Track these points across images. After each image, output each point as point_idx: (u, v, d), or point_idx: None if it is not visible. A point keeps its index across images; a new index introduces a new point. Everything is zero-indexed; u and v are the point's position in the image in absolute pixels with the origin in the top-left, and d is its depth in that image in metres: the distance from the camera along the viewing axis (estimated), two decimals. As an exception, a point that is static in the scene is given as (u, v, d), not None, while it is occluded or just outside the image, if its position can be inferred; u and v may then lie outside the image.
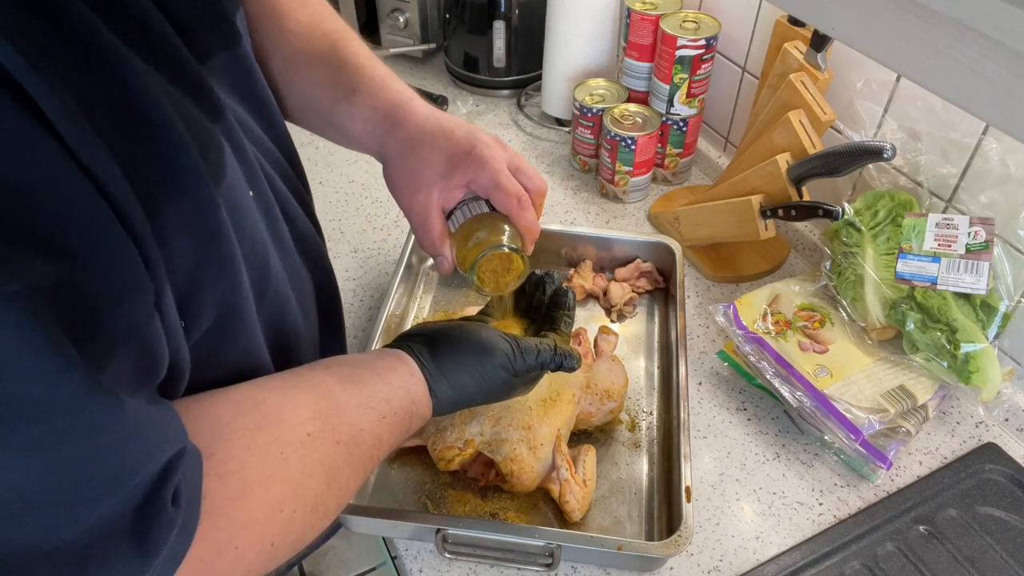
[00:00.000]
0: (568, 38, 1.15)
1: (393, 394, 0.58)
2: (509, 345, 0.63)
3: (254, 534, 0.46)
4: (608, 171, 1.09)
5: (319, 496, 0.50)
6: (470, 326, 0.65)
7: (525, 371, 0.63)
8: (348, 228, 1.07)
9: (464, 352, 0.62)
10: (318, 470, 0.50)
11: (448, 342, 0.62)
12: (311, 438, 0.50)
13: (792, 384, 0.78)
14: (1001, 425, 0.83)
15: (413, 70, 1.41)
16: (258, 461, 0.47)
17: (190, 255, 0.42)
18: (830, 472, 0.78)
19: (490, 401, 0.65)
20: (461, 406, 0.64)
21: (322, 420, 0.52)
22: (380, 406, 0.56)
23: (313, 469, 0.50)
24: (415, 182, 0.63)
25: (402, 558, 0.72)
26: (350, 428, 0.54)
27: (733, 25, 1.06)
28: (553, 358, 0.65)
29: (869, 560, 0.71)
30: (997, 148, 0.77)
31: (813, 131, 0.86)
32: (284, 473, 0.48)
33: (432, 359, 0.61)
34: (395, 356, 0.61)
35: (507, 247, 0.60)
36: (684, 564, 0.71)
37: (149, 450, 0.38)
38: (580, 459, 0.73)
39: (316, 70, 0.67)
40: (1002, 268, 0.77)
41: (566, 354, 0.65)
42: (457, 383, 0.61)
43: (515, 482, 0.71)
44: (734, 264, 1.01)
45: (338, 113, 0.67)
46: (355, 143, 0.69)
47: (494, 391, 0.63)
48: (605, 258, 0.97)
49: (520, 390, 0.66)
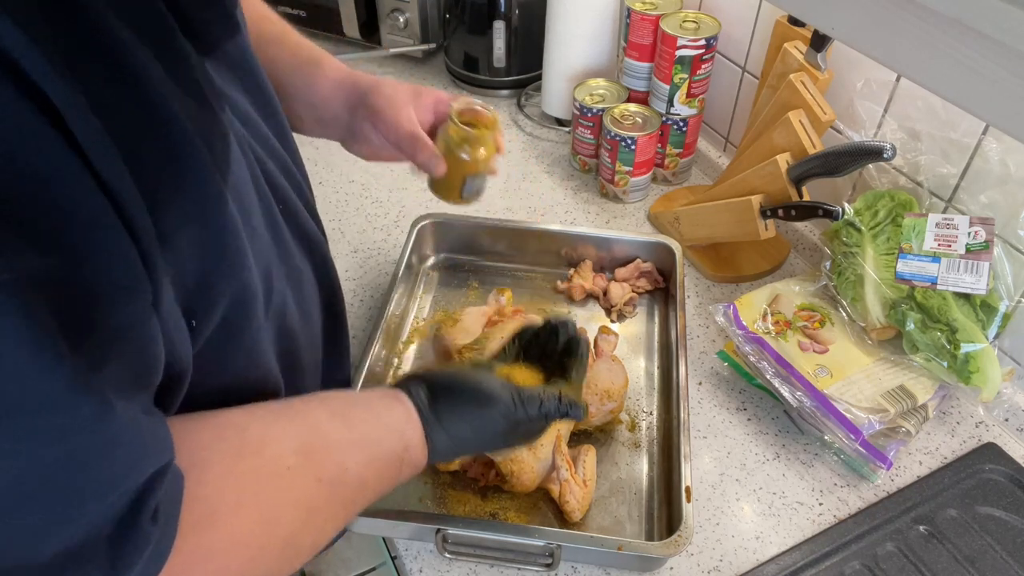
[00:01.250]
0: (568, 38, 1.15)
1: (386, 436, 0.56)
2: (511, 395, 0.61)
3: (214, 564, 0.43)
4: (608, 171, 1.09)
5: (293, 535, 0.48)
6: (473, 373, 0.63)
7: (527, 422, 0.61)
8: (348, 228, 1.07)
9: (464, 401, 0.60)
10: (294, 507, 0.48)
11: (449, 389, 0.61)
12: (291, 472, 0.48)
13: (792, 384, 0.78)
14: (1001, 425, 0.83)
15: (413, 70, 1.41)
16: (232, 489, 0.45)
17: (198, 251, 0.41)
18: (830, 472, 0.78)
19: (488, 450, 0.64)
20: (459, 455, 0.64)
21: (305, 455, 0.50)
22: (371, 447, 0.54)
23: (289, 505, 0.48)
24: (395, 104, 0.74)
25: (402, 558, 0.72)
26: (335, 467, 0.51)
27: (733, 25, 1.06)
28: (558, 408, 0.63)
29: (869, 560, 0.71)
30: (997, 148, 0.77)
31: (813, 131, 0.86)
32: (257, 505, 0.46)
33: (431, 405, 0.59)
34: (394, 397, 0.59)
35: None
36: (684, 564, 0.71)
37: (135, 460, 0.37)
38: (580, 459, 0.73)
39: (273, 47, 0.73)
40: (1002, 268, 0.77)
41: (571, 403, 0.64)
42: (455, 432, 0.59)
43: (515, 482, 0.71)
44: (734, 264, 1.01)
45: (304, 81, 0.74)
46: (321, 107, 0.75)
47: (492, 441, 0.62)
48: (605, 258, 0.97)
49: (520, 440, 0.64)
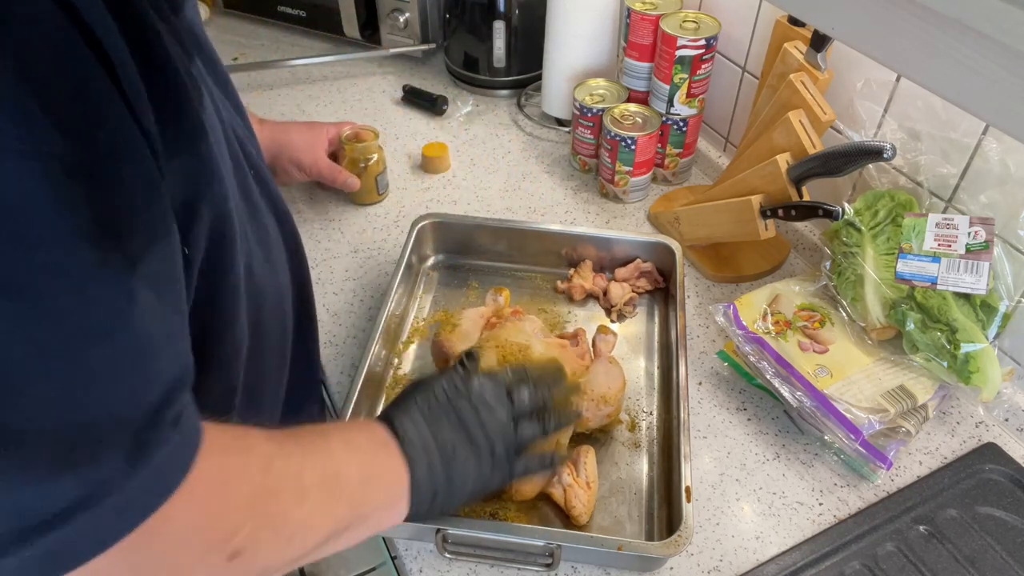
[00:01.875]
0: (568, 38, 1.15)
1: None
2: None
3: (238, 487, 0.44)
4: (608, 171, 1.09)
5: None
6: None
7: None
8: (348, 228, 1.07)
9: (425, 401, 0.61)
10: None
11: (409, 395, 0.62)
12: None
13: (792, 384, 0.78)
14: (1001, 425, 0.83)
15: (413, 70, 1.41)
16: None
17: (185, 179, 0.44)
18: (830, 472, 0.78)
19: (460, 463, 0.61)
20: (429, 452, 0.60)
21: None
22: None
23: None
24: (312, 149, 1.03)
25: (402, 558, 0.72)
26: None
27: (733, 25, 1.06)
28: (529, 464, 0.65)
29: (869, 560, 0.71)
30: (997, 148, 0.77)
31: (813, 131, 0.86)
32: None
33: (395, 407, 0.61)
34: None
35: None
36: (684, 564, 0.71)
37: (162, 358, 0.38)
38: (581, 461, 0.73)
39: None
40: (1002, 268, 0.77)
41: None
42: (419, 422, 0.59)
43: (514, 492, 0.71)
44: (734, 264, 1.01)
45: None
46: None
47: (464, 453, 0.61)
48: (605, 258, 0.97)
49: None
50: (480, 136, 1.25)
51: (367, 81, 1.38)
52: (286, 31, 1.50)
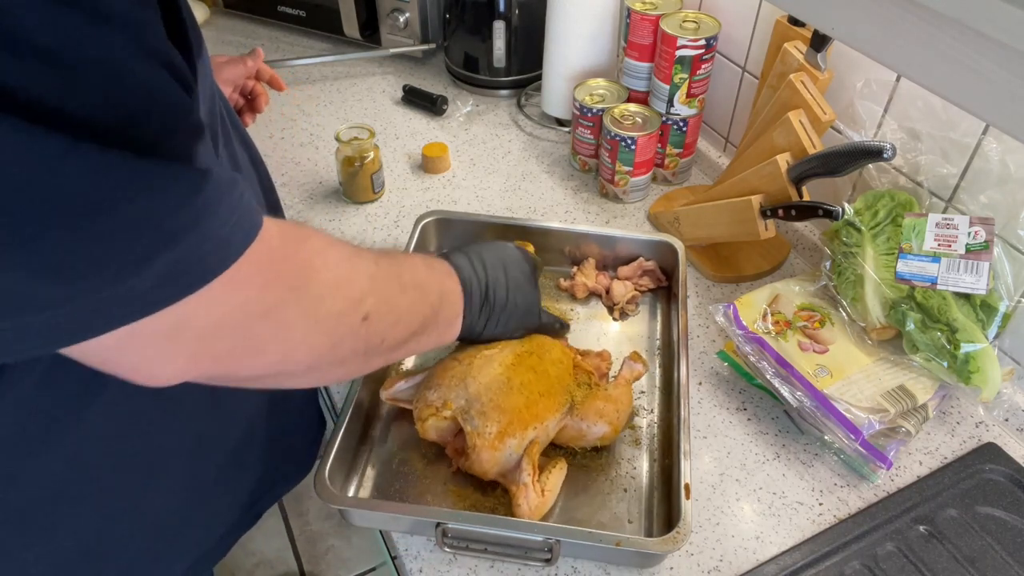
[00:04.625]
0: (568, 38, 1.15)
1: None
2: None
3: (311, 247, 0.50)
4: (608, 171, 1.09)
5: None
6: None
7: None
8: (348, 228, 1.07)
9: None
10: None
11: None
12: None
13: (792, 384, 0.78)
14: (1001, 425, 0.83)
15: (413, 70, 1.41)
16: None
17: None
18: (830, 472, 0.79)
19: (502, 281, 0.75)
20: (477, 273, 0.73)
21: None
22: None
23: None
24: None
25: (402, 558, 0.72)
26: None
27: (733, 25, 1.06)
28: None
29: (869, 560, 0.71)
30: (997, 148, 0.77)
31: (813, 131, 0.86)
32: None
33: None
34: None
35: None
36: (684, 564, 0.71)
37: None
38: (548, 468, 0.72)
39: None
40: (1002, 268, 0.77)
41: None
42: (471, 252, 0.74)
43: (474, 459, 0.70)
44: (734, 264, 1.01)
45: None
46: None
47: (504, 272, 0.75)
48: (608, 256, 0.97)
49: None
50: (480, 136, 1.25)
51: (367, 81, 1.38)
52: (286, 31, 1.50)
